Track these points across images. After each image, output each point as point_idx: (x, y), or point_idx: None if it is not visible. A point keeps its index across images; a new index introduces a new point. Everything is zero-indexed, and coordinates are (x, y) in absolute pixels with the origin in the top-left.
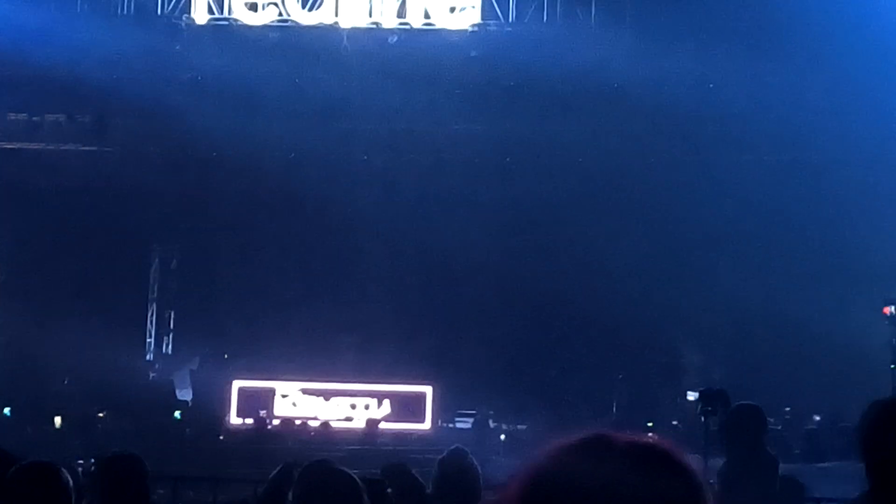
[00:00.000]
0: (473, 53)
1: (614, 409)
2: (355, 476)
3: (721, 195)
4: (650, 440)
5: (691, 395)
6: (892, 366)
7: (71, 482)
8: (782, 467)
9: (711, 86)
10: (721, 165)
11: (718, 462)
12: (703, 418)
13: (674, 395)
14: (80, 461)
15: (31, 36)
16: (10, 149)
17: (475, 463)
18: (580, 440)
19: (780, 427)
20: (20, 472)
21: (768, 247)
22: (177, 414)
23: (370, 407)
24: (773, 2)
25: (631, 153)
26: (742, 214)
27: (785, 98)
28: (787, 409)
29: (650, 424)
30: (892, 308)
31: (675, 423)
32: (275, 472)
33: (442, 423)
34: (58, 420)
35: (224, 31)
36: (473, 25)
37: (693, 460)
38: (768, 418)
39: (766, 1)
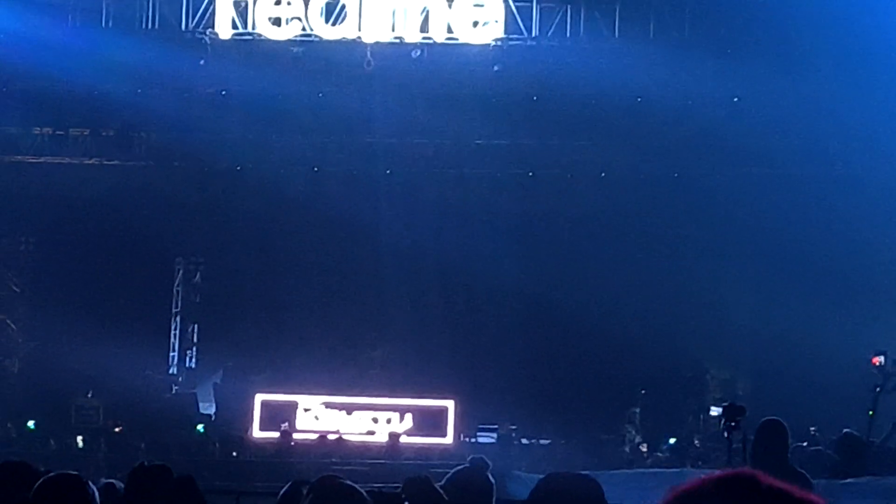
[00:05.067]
0: (496, 68)
1: (637, 424)
2: (363, 491)
3: (746, 210)
4: (798, 491)
5: (714, 411)
6: (871, 412)
7: (97, 494)
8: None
9: (736, 99)
10: (746, 180)
11: None
12: (725, 434)
13: (697, 410)
14: (107, 480)
15: (56, 51)
16: (35, 163)
17: (490, 479)
18: (725, 477)
19: (805, 444)
20: (46, 484)
21: (794, 261)
22: (200, 427)
23: (392, 421)
24: (799, 14)
25: (655, 167)
26: (767, 229)
27: (811, 112)
28: (813, 428)
29: (672, 440)
30: (881, 359)
31: (696, 443)
32: (284, 488)
33: (464, 437)
34: (80, 439)
35: (248, 46)
36: (496, 40)
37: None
38: (795, 436)
39: (792, 13)
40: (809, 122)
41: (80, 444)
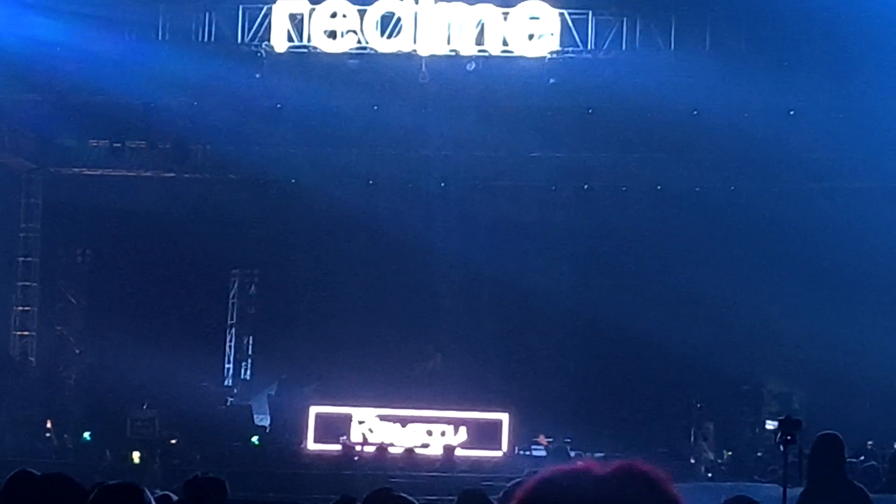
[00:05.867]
0: (552, 80)
1: (692, 438)
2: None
3: (802, 223)
4: (629, 463)
5: (770, 424)
6: None
7: (153, 503)
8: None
9: (792, 112)
10: (803, 193)
11: (798, 492)
12: (781, 447)
13: (753, 423)
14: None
15: (113, 64)
16: (92, 175)
17: None
18: (567, 468)
19: (862, 458)
20: (104, 492)
21: (850, 274)
22: (255, 439)
23: (447, 433)
24: (856, 27)
25: (710, 181)
26: (823, 243)
27: (868, 125)
28: (870, 442)
29: (729, 453)
30: None
31: (752, 456)
32: (334, 502)
33: (518, 450)
34: (135, 455)
35: (303, 59)
36: (552, 52)
37: (772, 490)
38: (851, 450)
39: (849, 26)
40: (866, 136)
41: (136, 459)
